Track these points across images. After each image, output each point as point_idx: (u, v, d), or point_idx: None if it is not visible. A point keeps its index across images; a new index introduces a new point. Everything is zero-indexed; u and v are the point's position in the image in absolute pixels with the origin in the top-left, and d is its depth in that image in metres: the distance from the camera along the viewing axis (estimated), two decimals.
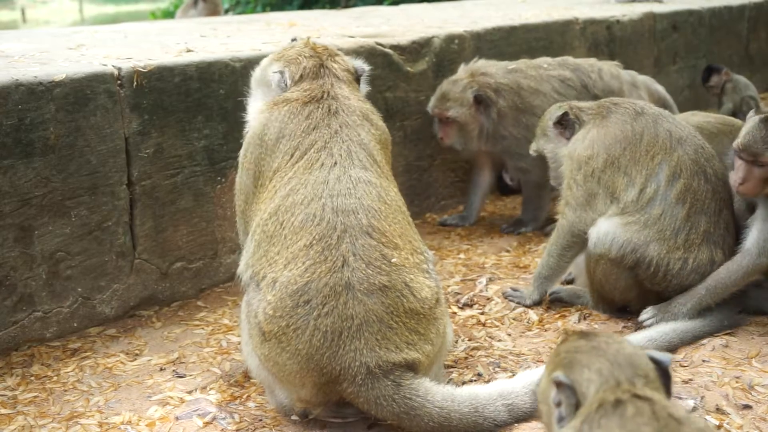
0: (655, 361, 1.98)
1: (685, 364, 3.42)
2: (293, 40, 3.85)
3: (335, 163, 3.11)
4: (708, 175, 3.78)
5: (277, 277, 2.94)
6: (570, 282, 4.30)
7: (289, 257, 2.95)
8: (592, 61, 5.45)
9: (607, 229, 3.76)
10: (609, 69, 5.37)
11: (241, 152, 3.41)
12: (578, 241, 3.92)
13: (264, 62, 3.61)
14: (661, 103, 5.66)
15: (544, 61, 5.36)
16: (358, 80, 3.53)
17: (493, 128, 5.08)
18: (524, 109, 5.07)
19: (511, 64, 5.26)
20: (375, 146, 3.27)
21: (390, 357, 2.86)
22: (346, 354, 2.84)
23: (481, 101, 5.03)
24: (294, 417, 3.08)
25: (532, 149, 4.43)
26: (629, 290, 3.85)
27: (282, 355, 2.91)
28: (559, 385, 1.94)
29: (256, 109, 3.45)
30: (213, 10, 11.74)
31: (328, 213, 2.98)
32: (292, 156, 3.17)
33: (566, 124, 4.11)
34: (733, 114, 7.75)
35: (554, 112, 4.21)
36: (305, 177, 3.09)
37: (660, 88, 5.80)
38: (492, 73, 5.12)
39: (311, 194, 3.03)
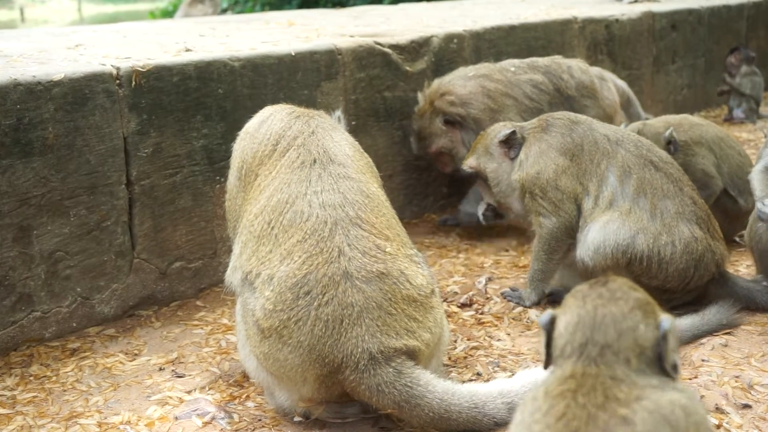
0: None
1: (685, 364, 3.42)
2: None
3: (314, 160, 3.20)
4: (655, 162, 3.88)
5: (274, 273, 2.97)
6: None
7: (283, 254, 2.98)
8: (559, 59, 5.39)
9: (593, 242, 3.78)
10: (578, 65, 5.35)
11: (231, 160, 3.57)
12: (562, 244, 3.97)
13: None
14: (625, 98, 5.72)
15: (510, 63, 5.23)
16: None
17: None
18: (498, 109, 4.98)
19: (471, 71, 5.12)
20: (350, 147, 3.38)
21: (391, 343, 2.89)
22: (348, 341, 2.87)
23: (452, 122, 4.98)
24: (296, 419, 3.08)
25: (468, 165, 4.31)
26: None
27: (283, 350, 2.91)
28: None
29: None
30: (215, 9, 11.81)
31: (316, 208, 3.03)
32: (275, 148, 3.28)
33: (512, 144, 4.12)
34: (730, 110, 7.76)
35: (500, 130, 4.18)
36: (288, 176, 3.16)
37: (623, 84, 5.79)
38: (450, 89, 5.01)
39: (295, 192, 3.10)
